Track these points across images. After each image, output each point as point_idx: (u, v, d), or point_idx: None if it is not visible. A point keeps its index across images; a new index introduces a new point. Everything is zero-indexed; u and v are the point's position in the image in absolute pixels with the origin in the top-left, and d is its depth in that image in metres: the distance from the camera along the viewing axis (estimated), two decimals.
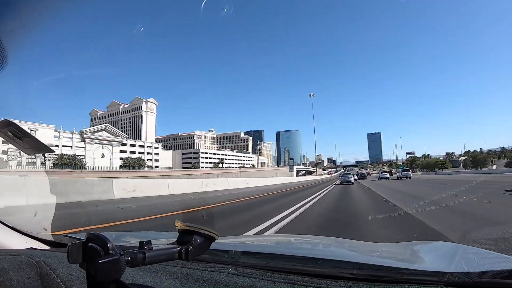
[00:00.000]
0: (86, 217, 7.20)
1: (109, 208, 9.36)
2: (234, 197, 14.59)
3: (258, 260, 1.34)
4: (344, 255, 1.67)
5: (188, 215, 8.52)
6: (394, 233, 5.70)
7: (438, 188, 20.63)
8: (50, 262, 1.14)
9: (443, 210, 8.67)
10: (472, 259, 1.26)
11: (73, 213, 7.54)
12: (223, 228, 6.21)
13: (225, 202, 11.94)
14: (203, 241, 0.88)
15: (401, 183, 30.14)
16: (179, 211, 9.20)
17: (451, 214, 7.89)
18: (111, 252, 0.70)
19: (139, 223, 6.88)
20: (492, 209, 8.66)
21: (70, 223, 5.36)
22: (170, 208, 9.74)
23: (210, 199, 13.45)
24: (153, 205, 10.47)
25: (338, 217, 8.62)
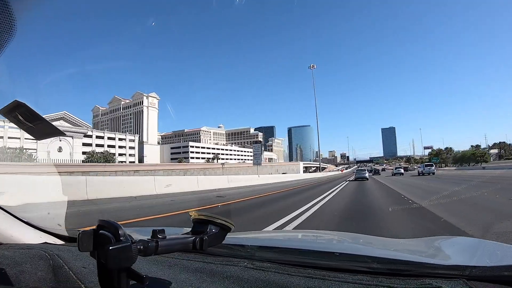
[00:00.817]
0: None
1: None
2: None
3: (274, 254, 1.32)
4: (361, 249, 1.63)
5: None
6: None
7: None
8: (63, 255, 1.15)
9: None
10: (495, 252, 1.22)
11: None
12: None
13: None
14: (218, 230, 0.85)
15: (429, 182, 22.84)
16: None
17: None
18: (123, 239, 0.67)
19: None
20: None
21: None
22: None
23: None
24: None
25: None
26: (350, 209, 9.21)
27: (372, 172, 58.97)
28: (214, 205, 10.19)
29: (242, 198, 13.05)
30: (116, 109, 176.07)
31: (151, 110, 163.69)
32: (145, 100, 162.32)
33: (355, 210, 8.93)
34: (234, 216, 7.78)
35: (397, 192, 14.59)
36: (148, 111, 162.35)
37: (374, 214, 7.71)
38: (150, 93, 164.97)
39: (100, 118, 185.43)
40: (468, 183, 18.39)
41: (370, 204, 10.21)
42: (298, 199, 12.11)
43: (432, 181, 24.26)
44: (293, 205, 9.58)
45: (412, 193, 13.61)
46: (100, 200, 10.56)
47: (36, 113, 1.08)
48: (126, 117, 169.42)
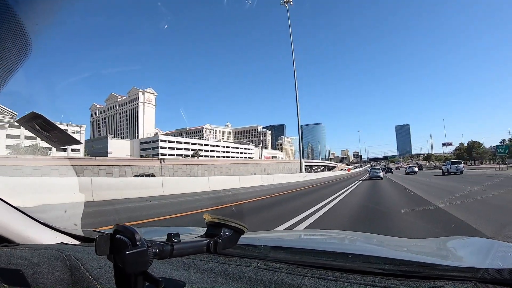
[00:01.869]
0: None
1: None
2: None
3: (287, 254, 1.33)
4: (374, 250, 1.61)
5: None
6: None
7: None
8: (79, 256, 1.15)
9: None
10: (509, 255, 1.18)
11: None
12: None
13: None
14: (231, 233, 0.86)
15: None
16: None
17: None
18: (139, 244, 0.69)
19: None
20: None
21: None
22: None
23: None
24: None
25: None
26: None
27: (385, 170, 56.69)
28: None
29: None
30: (113, 107, 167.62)
31: (148, 106, 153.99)
32: (141, 96, 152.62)
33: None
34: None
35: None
36: (144, 107, 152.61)
37: None
38: (146, 89, 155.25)
39: (98, 117, 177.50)
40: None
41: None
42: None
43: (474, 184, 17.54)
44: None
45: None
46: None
47: (53, 123, 1.14)
48: (123, 114, 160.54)
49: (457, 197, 10.21)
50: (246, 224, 0.83)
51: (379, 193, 14.90)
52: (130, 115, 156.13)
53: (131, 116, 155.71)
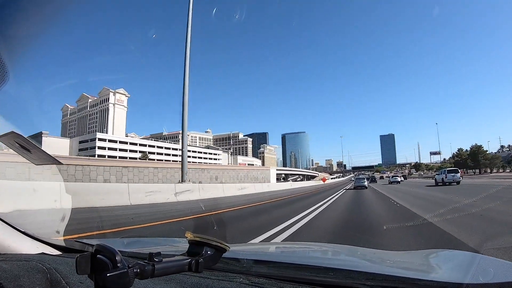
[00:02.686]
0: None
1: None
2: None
3: (270, 269, 1.30)
4: (356, 264, 1.62)
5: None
6: None
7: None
8: (60, 269, 1.13)
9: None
10: (489, 269, 1.19)
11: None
12: None
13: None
14: (213, 252, 0.87)
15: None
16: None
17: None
18: (120, 265, 0.70)
19: None
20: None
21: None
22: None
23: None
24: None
25: None
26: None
27: (369, 180, 56.01)
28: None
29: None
30: (84, 108, 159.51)
31: (119, 108, 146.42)
32: (112, 97, 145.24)
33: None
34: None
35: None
36: (115, 109, 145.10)
37: None
38: (118, 89, 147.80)
39: (69, 118, 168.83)
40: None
41: None
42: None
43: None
44: None
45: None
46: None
47: (32, 142, 1.20)
48: (93, 116, 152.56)
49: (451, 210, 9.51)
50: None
51: (362, 212, 11.20)
52: (100, 117, 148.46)
53: (101, 118, 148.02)
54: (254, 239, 5.71)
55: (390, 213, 10.30)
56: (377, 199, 16.49)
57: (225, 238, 3.16)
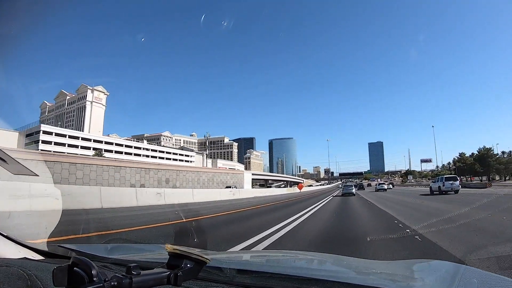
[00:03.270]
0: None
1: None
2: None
3: (253, 279, 1.28)
4: (341, 275, 1.58)
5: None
6: None
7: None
8: (41, 276, 1.12)
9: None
10: (473, 280, 1.19)
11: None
12: None
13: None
14: (193, 265, 0.86)
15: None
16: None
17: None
18: (96, 280, 0.69)
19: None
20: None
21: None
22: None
23: None
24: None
25: None
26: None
27: (358, 187, 59.15)
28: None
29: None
30: (62, 105, 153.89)
31: (96, 107, 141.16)
32: (89, 95, 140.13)
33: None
34: None
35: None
36: (92, 107, 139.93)
37: None
38: (96, 87, 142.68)
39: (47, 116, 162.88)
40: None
41: None
42: None
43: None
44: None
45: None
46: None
47: (8, 155, 1.25)
48: (70, 114, 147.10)
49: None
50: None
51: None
52: (76, 115, 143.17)
53: (77, 116, 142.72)
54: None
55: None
56: (369, 213, 13.80)
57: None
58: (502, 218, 9.03)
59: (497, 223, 8.33)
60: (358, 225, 9.68)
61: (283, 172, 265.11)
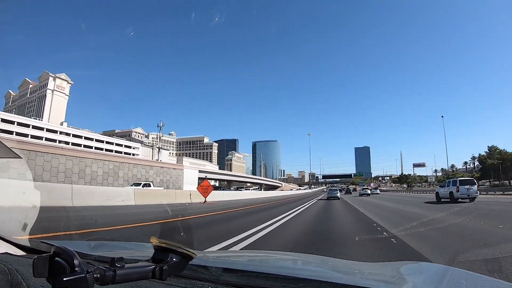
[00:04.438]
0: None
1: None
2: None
3: (239, 278, 1.27)
4: (327, 275, 1.56)
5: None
6: None
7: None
8: (22, 271, 1.11)
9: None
10: (461, 281, 1.20)
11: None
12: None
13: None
14: (179, 260, 0.85)
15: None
16: None
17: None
18: (78, 270, 0.66)
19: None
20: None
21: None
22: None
23: None
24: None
25: None
26: None
27: (345, 191, 63.25)
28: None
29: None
30: (25, 94, 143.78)
31: (58, 96, 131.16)
32: (51, 83, 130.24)
33: None
34: None
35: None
36: (53, 96, 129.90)
37: None
38: (59, 74, 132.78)
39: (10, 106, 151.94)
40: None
41: None
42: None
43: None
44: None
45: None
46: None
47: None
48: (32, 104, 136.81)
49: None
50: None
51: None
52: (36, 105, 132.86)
53: (37, 106, 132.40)
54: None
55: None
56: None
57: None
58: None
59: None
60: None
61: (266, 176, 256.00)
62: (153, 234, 2.87)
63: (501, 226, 8.40)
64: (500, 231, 7.68)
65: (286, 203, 24.62)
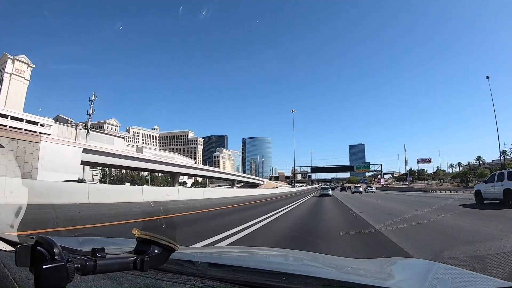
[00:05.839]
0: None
1: None
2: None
3: (225, 273, 1.29)
4: (313, 270, 1.59)
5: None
6: None
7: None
8: (9, 264, 1.11)
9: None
10: (446, 277, 1.21)
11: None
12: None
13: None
14: (161, 251, 0.85)
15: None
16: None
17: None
18: (57, 258, 0.66)
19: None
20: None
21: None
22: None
23: None
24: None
25: None
26: None
27: (340, 189, 73.78)
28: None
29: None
30: None
31: (15, 80, 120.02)
32: (9, 65, 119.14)
33: None
34: None
35: None
36: (10, 81, 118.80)
37: None
38: (18, 56, 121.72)
39: None
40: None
41: None
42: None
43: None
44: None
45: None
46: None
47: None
48: None
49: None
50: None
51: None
52: None
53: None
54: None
55: None
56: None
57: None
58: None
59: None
60: None
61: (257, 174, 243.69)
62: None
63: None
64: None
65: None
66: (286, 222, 10.78)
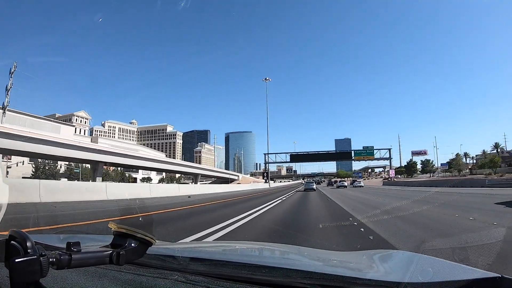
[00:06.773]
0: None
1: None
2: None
3: (207, 267, 1.30)
4: (295, 263, 1.61)
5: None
6: None
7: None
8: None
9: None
10: (428, 269, 1.21)
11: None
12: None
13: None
14: (138, 245, 0.84)
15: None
16: None
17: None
18: (30, 252, 0.65)
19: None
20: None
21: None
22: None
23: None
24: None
25: None
26: None
27: (328, 184, 74.93)
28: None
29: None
30: None
31: None
32: None
33: None
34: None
35: None
36: None
37: None
38: None
39: None
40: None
41: None
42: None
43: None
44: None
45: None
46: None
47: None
48: None
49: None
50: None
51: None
52: None
53: None
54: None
55: None
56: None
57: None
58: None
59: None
60: None
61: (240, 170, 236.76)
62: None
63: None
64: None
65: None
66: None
